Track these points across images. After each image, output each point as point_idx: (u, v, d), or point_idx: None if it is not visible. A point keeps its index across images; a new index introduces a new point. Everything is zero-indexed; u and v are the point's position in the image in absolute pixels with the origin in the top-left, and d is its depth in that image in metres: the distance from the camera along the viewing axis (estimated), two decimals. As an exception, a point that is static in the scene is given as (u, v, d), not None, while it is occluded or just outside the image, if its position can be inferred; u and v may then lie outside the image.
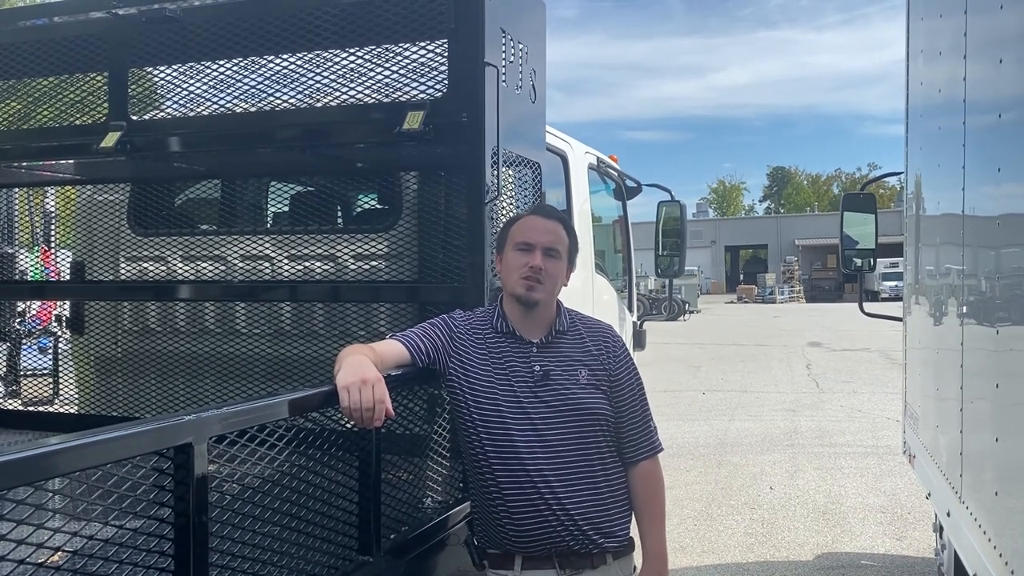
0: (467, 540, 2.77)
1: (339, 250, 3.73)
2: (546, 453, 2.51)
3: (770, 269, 61.42)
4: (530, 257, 2.59)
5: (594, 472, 2.56)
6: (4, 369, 4.96)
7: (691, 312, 34.37)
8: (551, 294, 2.66)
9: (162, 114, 3.67)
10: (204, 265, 3.94)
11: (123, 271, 4.12)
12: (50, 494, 1.60)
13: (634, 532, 2.67)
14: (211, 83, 3.49)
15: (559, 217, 2.76)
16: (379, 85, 3.26)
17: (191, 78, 3.53)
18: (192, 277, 3.94)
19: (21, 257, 5.12)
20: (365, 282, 3.62)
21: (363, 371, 2.22)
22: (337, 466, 2.34)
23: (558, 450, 2.52)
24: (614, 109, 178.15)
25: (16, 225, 4.87)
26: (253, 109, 3.45)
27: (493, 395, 2.55)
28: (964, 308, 3.00)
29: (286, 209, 4.26)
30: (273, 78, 3.41)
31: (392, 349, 2.56)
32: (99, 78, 3.66)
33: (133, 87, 3.55)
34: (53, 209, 5.50)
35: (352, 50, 3.28)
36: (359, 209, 4.43)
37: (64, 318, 4.60)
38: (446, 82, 3.08)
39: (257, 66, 3.43)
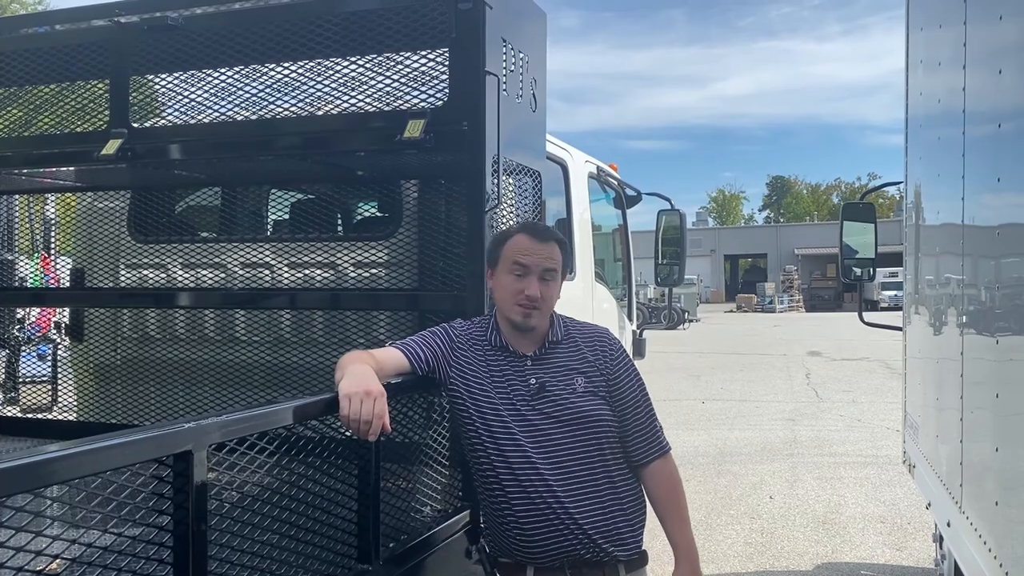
0: (479, 548, 2.76)
1: (339, 258, 3.73)
2: (550, 463, 2.51)
3: (769, 278, 61.39)
4: (526, 284, 2.56)
5: (598, 480, 2.54)
6: (3, 376, 4.96)
7: (691, 321, 34.34)
8: (547, 316, 2.65)
9: (163, 122, 3.68)
10: (204, 272, 3.94)
11: (123, 278, 4.12)
12: (49, 501, 1.59)
13: (647, 545, 2.66)
14: (212, 91, 3.49)
15: (554, 237, 2.70)
16: (380, 93, 3.26)
17: (192, 86, 3.54)
18: (192, 284, 3.94)
19: (21, 264, 5.11)
20: (365, 290, 3.62)
21: (367, 383, 2.22)
22: (336, 474, 2.34)
23: (561, 460, 2.51)
24: (615, 118, 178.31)
25: (16, 232, 4.87)
26: (254, 117, 3.46)
27: (494, 407, 2.55)
28: (964, 318, 3.00)
29: (286, 217, 4.26)
30: (274, 86, 3.41)
31: (392, 357, 2.56)
32: (100, 85, 3.67)
33: (134, 94, 3.56)
34: (53, 216, 5.50)
35: (353, 59, 3.29)
36: (359, 217, 4.43)
37: (63, 325, 4.59)
38: (447, 91, 3.09)
39: (258, 74, 3.44)
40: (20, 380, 4.78)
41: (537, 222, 3.40)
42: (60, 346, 4.71)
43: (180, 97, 3.58)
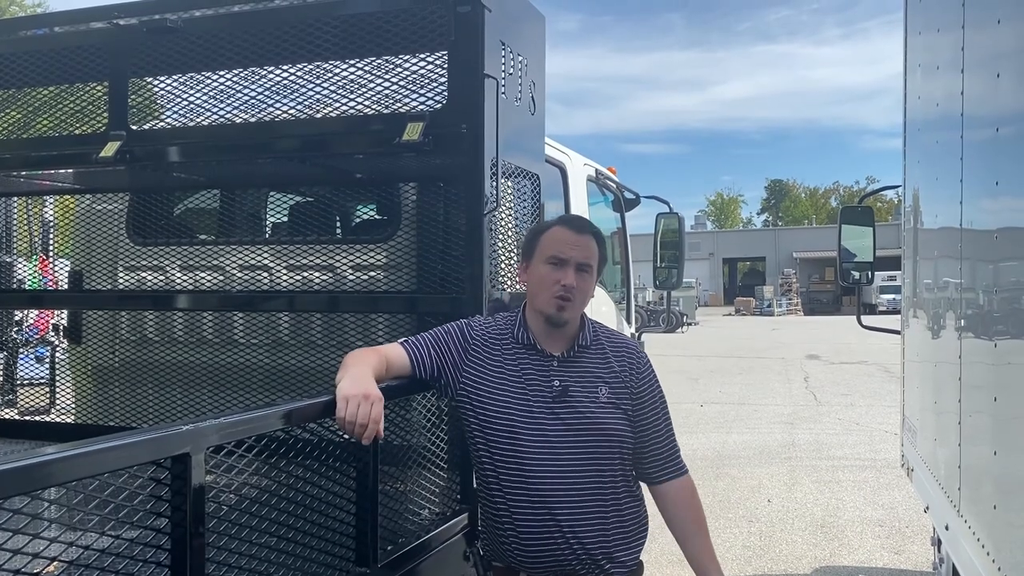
0: (472, 551, 2.75)
1: (338, 260, 3.73)
2: (557, 472, 2.46)
3: (768, 281, 61.47)
4: (562, 274, 2.51)
5: (603, 495, 2.50)
6: (1, 378, 4.95)
7: (689, 324, 34.35)
8: (580, 311, 2.60)
9: (162, 124, 3.68)
10: (203, 275, 3.94)
11: (121, 280, 4.11)
12: (47, 504, 1.59)
13: (643, 555, 2.65)
14: (211, 93, 3.49)
15: (592, 230, 2.65)
16: (379, 96, 3.26)
17: (191, 88, 3.54)
18: (190, 287, 3.94)
19: (19, 266, 5.11)
20: (364, 292, 3.62)
21: (366, 386, 2.20)
22: (335, 477, 2.33)
23: (570, 469, 2.47)
24: (614, 121, 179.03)
25: (14, 234, 4.87)
26: (253, 120, 3.46)
27: (507, 409, 2.50)
28: (962, 321, 3.00)
29: (285, 219, 4.26)
30: (273, 89, 3.41)
31: (399, 359, 2.53)
32: (99, 88, 3.67)
33: (133, 97, 3.56)
34: (51, 218, 5.50)
35: (352, 61, 3.29)
36: (358, 219, 4.43)
37: (61, 327, 4.58)
38: (446, 94, 3.09)
39: (257, 77, 3.44)
40: (18, 382, 4.77)
41: (576, 215, 3.36)
42: (58, 348, 4.70)
43: (179, 99, 3.58)
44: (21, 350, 5.02)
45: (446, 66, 3.09)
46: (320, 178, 3.93)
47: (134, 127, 3.50)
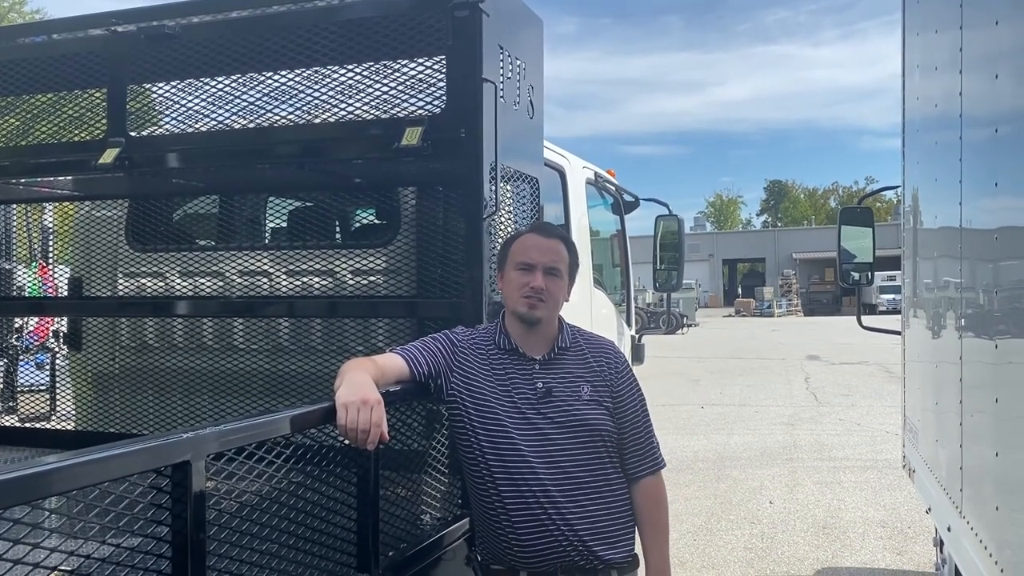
0: (469, 557, 2.76)
1: (337, 265, 3.73)
2: (550, 469, 2.52)
3: (768, 283, 61.49)
4: (531, 277, 2.61)
5: (598, 487, 2.56)
6: (1, 385, 4.95)
7: (689, 326, 34.40)
8: (553, 311, 2.68)
9: (161, 130, 3.67)
10: (202, 281, 3.94)
11: (121, 287, 4.11)
12: (47, 513, 1.59)
13: (638, 548, 2.67)
14: (210, 99, 3.49)
15: (559, 235, 2.77)
16: (377, 101, 3.26)
17: (190, 94, 3.54)
18: (190, 293, 3.94)
19: (18, 273, 5.11)
20: (363, 297, 3.62)
21: (364, 391, 2.21)
22: (335, 483, 2.33)
23: (562, 466, 2.53)
24: (613, 124, 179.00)
25: (14, 241, 4.87)
26: (251, 125, 3.46)
27: (496, 411, 2.56)
28: (963, 321, 3.00)
29: (284, 225, 4.26)
30: (272, 94, 3.41)
31: (393, 363, 2.56)
32: (98, 94, 3.67)
33: (132, 103, 3.56)
34: (51, 225, 5.50)
35: (350, 66, 3.29)
36: (357, 224, 4.43)
37: (61, 334, 4.59)
38: (444, 98, 3.09)
39: (256, 82, 3.44)
40: (18, 389, 4.78)
41: (544, 222, 3.43)
42: (58, 355, 4.70)
43: (177, 106, 3.58)
44: (21, 357, 5.02)
45: (444, 71, 3.09)
46: (319, 183, 3.93)
47: (133, 133, 3.50)
